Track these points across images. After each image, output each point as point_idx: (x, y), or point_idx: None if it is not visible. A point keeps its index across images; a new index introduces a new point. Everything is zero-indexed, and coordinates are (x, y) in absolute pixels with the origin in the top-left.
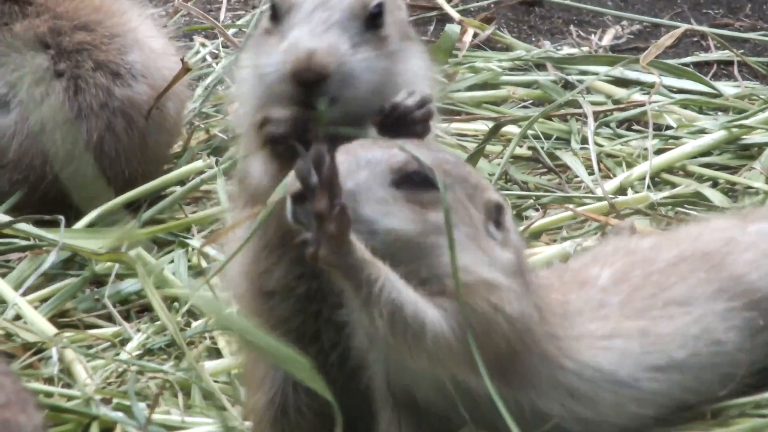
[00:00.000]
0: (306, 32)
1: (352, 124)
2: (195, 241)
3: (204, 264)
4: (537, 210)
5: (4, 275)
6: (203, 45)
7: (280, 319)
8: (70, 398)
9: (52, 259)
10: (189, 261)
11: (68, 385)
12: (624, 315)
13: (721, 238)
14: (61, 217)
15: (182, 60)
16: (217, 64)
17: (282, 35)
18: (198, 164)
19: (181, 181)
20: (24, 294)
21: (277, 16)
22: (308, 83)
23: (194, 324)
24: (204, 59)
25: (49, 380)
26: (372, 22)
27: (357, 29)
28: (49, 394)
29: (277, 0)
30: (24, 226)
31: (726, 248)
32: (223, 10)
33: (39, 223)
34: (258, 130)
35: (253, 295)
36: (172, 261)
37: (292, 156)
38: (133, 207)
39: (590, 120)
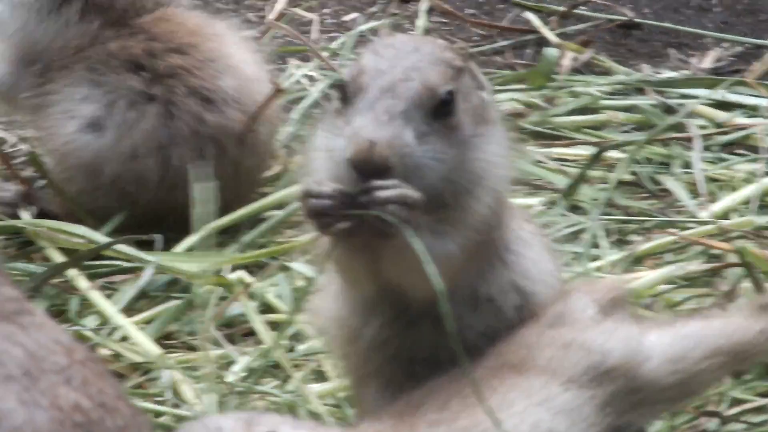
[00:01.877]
0: (369, 121)
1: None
2: (296, 265)
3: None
4: (640, 235)
5: (108, 296)
6: (297, 67)
7: (370, 370)
8: (179, 418)
9: (146, 278)
10: (292, 285)
11: (177, 405)
12: None
13: None
14: (156, 237)
15: (274, 82)
16: (312, 86)
17: (348, 119)
18: (297, 188)
19: (280, 205)
20: (129, 315)
21: (345, 97)
22: (369, 174)
23: (299, 347)
24: (298, 82)
25: (158, 401)
26: (441, 109)
27: (424, 118)
28: (159, 414)
29: (346, 80)
30: (124, 248)
31: None
32: (316, 31)
33: (142, 245)
34: (302, 201)
35: (344, 343)
36: (274, 284)
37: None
38: (231, 232)
39: (697, 142)
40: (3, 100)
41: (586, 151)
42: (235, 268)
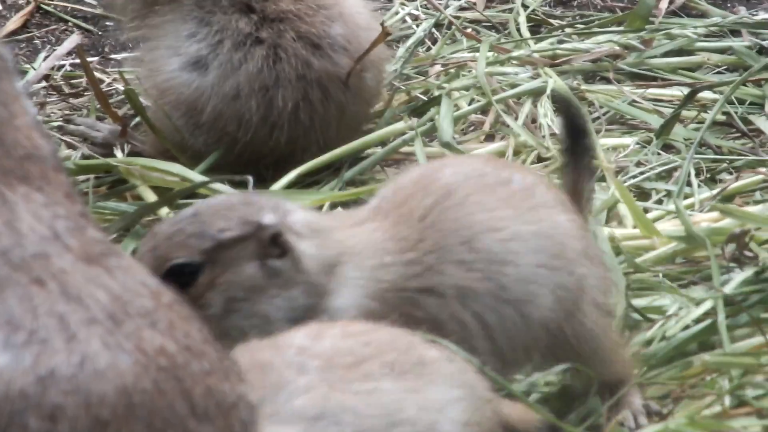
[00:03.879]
0: None
1: None
2: None
3: None
4: (731, 174)
5: None
6: (403, 5)
7: None
8: None
9: None
10: None
11: None
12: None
13: None
14: (249, 178)
15: (382, 24)
16: (417, 25)
17: None
18: (398, 126)
19: (382, 143)
20: None
21: None
22: None
23: None
24: (403, 20)
25: None
26: None
27: None
28: None
29: None
30: (221, 187)
31: None
32: None
33: (236, 185)
34: None
35: None
36: None
37: None
38: (332, 169)
39: None
40: (118, 14)
41: (680, 92)
42: (334, 206)
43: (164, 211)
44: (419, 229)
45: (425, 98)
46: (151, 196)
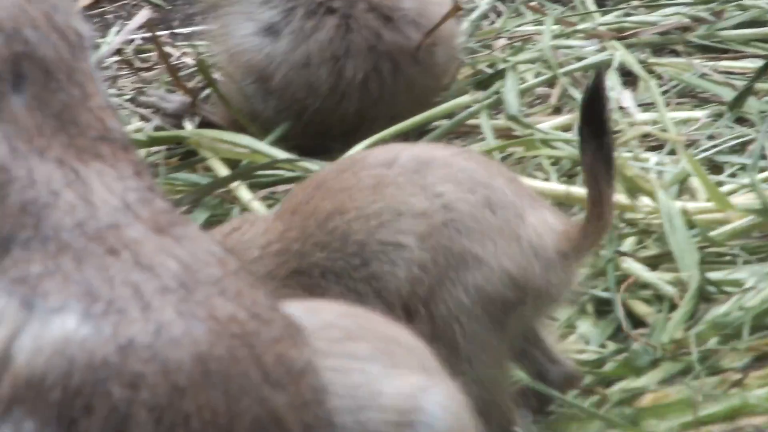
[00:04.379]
0: None
1: None
2: None
3: None
4: None
5: (270, 206)
6: None
7: None
8: None
9: None
10: None
11: None
12: None
13: None
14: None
15: (455, 1)
16: None
17: None
18: (464, 99)
19: (448, 115)
20: None
21: None
22: None
23: None
24: None
25: None
26: None
27: None
28: None
29: None
30: (289, 156)
31: None
32: None
33: (304, 154)
34: None
35: None
36: None
37: None
38: (399, 141)
39: None
40: None
41: (753, 64)
42: None
43: (235, 184)
44: (289, 221)
45: (491, 71)
46: (221, 168)
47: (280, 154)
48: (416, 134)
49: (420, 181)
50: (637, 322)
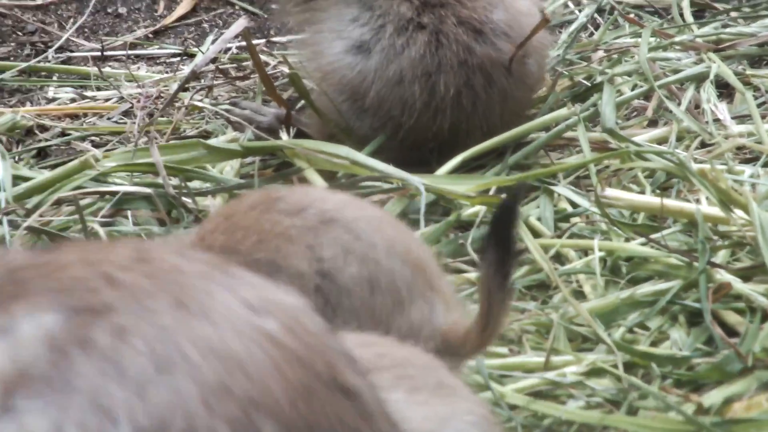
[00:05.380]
0: None
1: None
2: (560, 188)
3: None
4: None
5: None
6: None
7: None
8: None
9: (412, 201)
10: (555, 207)
11: None
12: None
13: None
14: None
15: (542, 11)
16: (579, 11)
17: None
18: (562, 112)
19: (546, 128)
20: None
21: None
22: None
23: (560, 268)
24: (566, 5)
25: None
26: None
27: None
28: None
29: None
30: (390, 169)
31: None
32: None
33: (402, 166)
34: None
35: None
36: (537, 207)
37: None
38: (496, 154)
39: None
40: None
41: None
42: (499, 191)
43: None
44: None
45: (588, 84)
46: (317, 179)
47: (379, 165)
48: (513, 147)
49: (310, 240)
50: (729, 332)
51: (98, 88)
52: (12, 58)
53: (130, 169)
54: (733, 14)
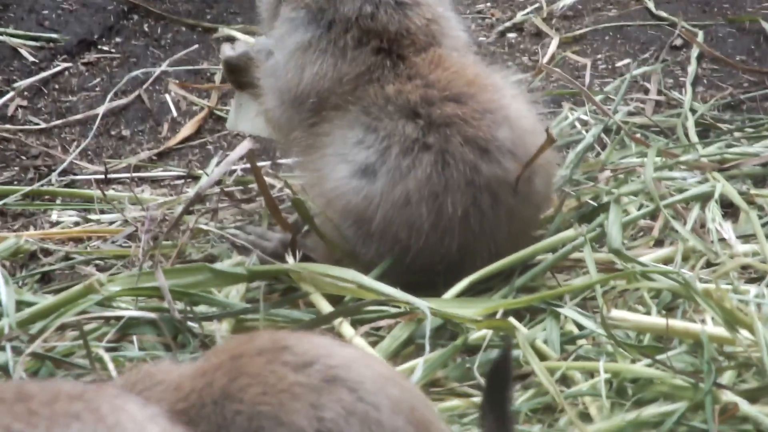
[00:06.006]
0: None
1: None
2: (567, 310)
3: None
4: None
5: (374, 344)
6: (572, 111)
7: None
8: None
9: (418, 325)
10: (561, 329)
11: None
12: None
13: None
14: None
15: (547, 131)
16: (586, 131)
17: None
18: (569, 233)
19: (553, 249)
20: (393, 363)
21: None
22: None
23: (566, 390)
24: (573, 125)
25: None
26: None
27: None
28: None
29: None
30: (395, 292)
31: None
32: (588, 75)
33: (407, 289)
34: None
35: None
36: (544, 329)
37: None
38: (504, 275)
39: None
40: (280, 134)
41: None
42: (506, 314)
43: (338, 320)
44: (197, 383)
45: (594, 204)
46: (323, 304)
47: (385, 288)
48: (520, 268)
49: (313, 399)
50: None
51: (102, 211)
52: (16, 182)
53: (135, 293)
54: (737, 134)
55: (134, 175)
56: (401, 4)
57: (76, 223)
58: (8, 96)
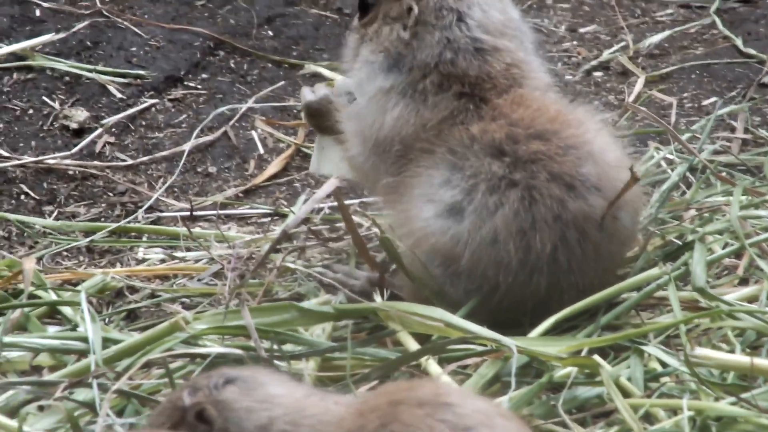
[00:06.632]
0: None
1: None
2: (651, 348)
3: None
4: None
5: (461, 381)
6: (657, 150)
7: None
8: None
9: (506, 363)
10: (645, 367)
11: None
12: None
13: None
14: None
15: (631, 169)
16: (672, 170)
17: None
18: (653, 272)
19: (637, 287)
20: None
21: None
22: None
23: (650, 428)
24: (658, 165)
25: None
26: None
27: None
28: None
29: None
30: (482, 330)
31: None
32: (674, 114)
33: (495, 327)
34: None
35: None
36: (628, 367)
37: None
38: (589, 313)
39: None
40: (366, 182)
41: None
42: (591, 351)
43: (425, 358)
44: (357, 421)
45: (679, 242)
46: (411, 342)
47: (473, 327)
48: (605, 307)
49: None
50: None
51: (188, 249)
52: (103, 219)
53: (221, 331)
54: None
55: (220, 212)
56: (480, 50)
57: (162, 261)
58: (96, 132)
